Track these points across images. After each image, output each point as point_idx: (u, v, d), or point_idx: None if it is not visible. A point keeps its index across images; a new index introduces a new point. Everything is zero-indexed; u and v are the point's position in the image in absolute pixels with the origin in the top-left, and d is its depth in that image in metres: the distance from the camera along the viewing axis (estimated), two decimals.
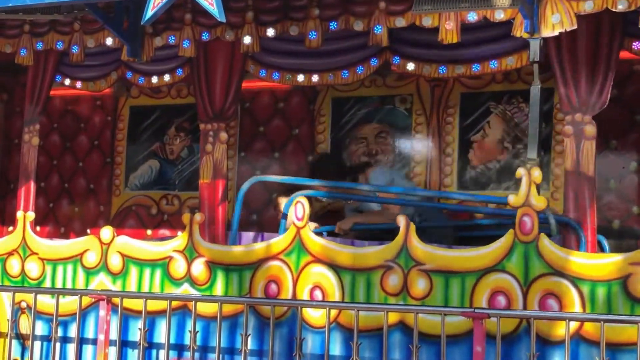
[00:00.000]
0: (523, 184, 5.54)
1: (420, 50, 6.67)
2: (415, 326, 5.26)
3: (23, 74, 7.86)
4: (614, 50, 5.96)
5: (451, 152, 7.86)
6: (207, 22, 6.58)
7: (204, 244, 6.37)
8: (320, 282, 5.96)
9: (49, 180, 9.19)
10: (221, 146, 6.95)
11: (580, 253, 5.49)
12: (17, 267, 6.87)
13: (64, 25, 7.09)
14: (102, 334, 6.05)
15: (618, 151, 7.36)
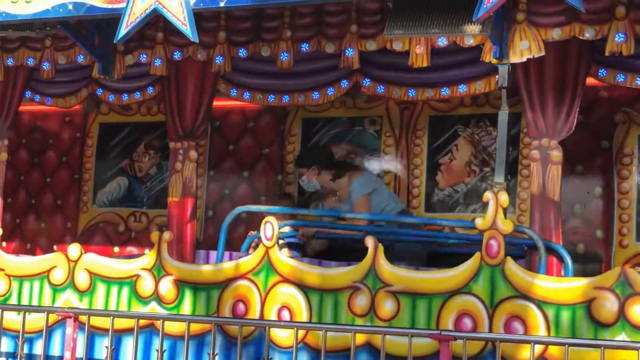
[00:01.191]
0: (490, 207, 5.59)
1: (390, 73, 6.69)
2: (382, 347, 5.25)
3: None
4: (580, 76, 6.03)
5: (419, 174, 7.88)
6: (179, 41, 6.60)
7: (172, 263, 6.37)
8: (288, 302, 5.97)
9: (16, 195, 9.14)
10: (191, 164, 6.96)
11: (545, 277, 5.53)
12: None
13: (36, 41, 7.09)
14: (68, 351, 6.01)
15: (583, 176, 7.41)
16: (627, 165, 7.32)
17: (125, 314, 6.22)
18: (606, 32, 5.57)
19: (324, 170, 7.44)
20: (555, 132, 5.92)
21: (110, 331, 5.88)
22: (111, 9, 6.00)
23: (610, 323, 5.24)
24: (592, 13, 5.53)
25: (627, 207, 7.29)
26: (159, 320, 5.87)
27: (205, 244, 7.75)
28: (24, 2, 6.22)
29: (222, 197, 8.50)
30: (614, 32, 5.55)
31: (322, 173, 7.44)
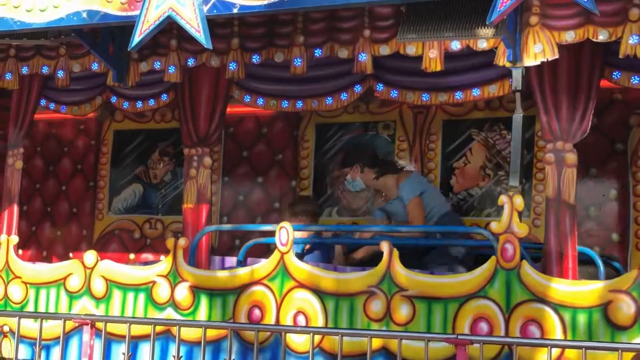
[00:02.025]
0: (505, 211, 5.58)
1: (404, 77, 6.71)
2: (399, 352, 5.24)
3: (7, 97, 7.85)
4: (594, 79, 5.99)
5: (433, 178, 7.87)
6: (193, 48, 6.60)
7: (188, 269, 6.37)
8: (304, 307, 5.97)
9: (31, 203, 9.17)
10: (205, 171, 6.96)
11: (561, 280, 5.51)
12: (0, 291, 6.85)
13: (50, 50, 7.11)
14: (85, 358, 6.02)
15: (598, 179, 7.40)
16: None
17: (142, 320, 6.23)
18: (620, 35, 5.53)
19: (367, 168, 7.33)
20: (569, 135, 5.88)
21: (127, 338, 5.88)
22: (125, 16, 6.03)
23: (627, 326, 5.22)
24: (605, 15, 5.49)
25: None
26: (175, 326, 5.86)
27: (220, 250, 7.75)
28: (39, 10, 6.25)
29: (237, 203, 8.51)
30: (627, 34, 5.51)
31: (365, 171, 7.34)
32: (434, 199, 7.21)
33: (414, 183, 7.16)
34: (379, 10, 6.11)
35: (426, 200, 7.11)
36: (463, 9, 5.60)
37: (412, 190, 7.09)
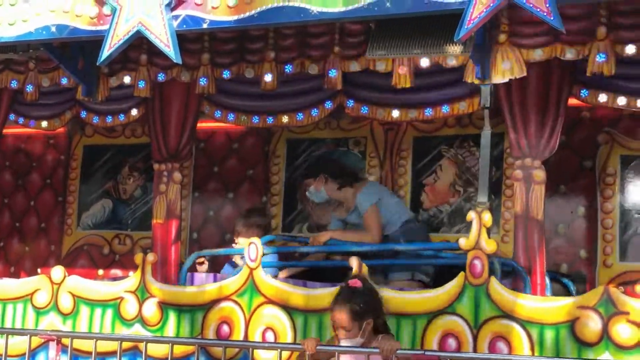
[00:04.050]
0: (473, 227, 5.61)
1: (374, 94, 6.70)
2: None
3: None
4: (562, 97, 6.05)
5: (404, 194, 7.87)
6: (163, 63, 6.58)
7: (156, 285, 6.37)
8: (273, 323, 5.97)
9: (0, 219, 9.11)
10: (175, 186, 6.96)
11: (529, 296, 5.54)
12: None
13: (19, 64, 7.09)
14: None
15: (567, 196, 7.43)
16: (610, 185, 7.34)
17: (109, 336, 6.21)
18: (587, 53, 5.60)
19: (331, 179, 7.37)
20: (538, 152, 5.93)
21: (94, 354, 5.84)
22: (94, 31, 6.02)
23: (594, 342, 5.25)
24: (573, 34, 5.55)
25: (610, 226, 7.30)
26: (143, 343, 5.84)
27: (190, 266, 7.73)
28: (7, 24, 6.22)
29: (207, 219, 8.49)
30: (594, 52, 5.58)
31: (329, 182, 7.37)
32: (394, 207, 7.25)
33: (369, 192, 7.20)
34: (349, 27, 6.14)
35: (383, 208, 7.15)
36: (432, 26, 5.63)
37: (367, 199, 7.13)
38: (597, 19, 5.57)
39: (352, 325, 5.21)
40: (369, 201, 7.12)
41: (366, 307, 5.24)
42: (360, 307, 5.21)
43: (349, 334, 5.24)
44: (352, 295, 5.26)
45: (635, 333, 5.18)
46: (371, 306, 5.27)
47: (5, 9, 6.23)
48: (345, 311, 5.22)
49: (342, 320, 5.24)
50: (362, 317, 5.21)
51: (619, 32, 5.59)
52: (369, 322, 5.23)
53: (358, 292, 5.28)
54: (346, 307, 5.22)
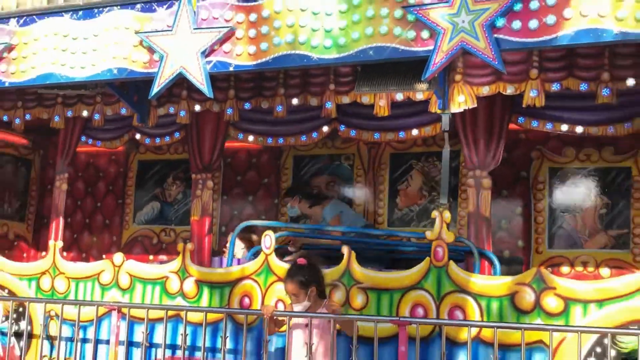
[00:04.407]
0: (437, 222, 5.59)
1: (360, 120, 6.73)
2: (355, 331, 5.22)
3: (55, 135, 7.83)
4: (504, 122, 6.08)
5: (383, 197, 7.89)
6: (199, 97, 6.56)
7: (194, 267, 6.34)
8: (283, 296, 5.94)
9: (74, 216, 9.10)
10: (208, 191, 6.96)
11: (479, 275, 5.52)
12: (48, 284, 6.79)
13: (89, 98, 7.07)
14: (113, 336, 5.98)
15: (508, 198, 7.44)
16: (540, 190, 7.37)
17: (157, 306, 6.18)
18: (523, 89, 5.59)
19: (304, 200, 7.56)
20: (485, 165, 5.95)
21: (146, 320, 5.85)
22: (146, 72, 6.01)
23: (529, 311, 5.23)
24: (512, 74, 5.55)
25: (541, 222, 7.34)
26: (183, 311, 5.85)
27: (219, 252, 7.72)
28: (80, 67, 6.22)
29: (232, 217, 8.48)
30: (529, 89, 5.56)
31: (302, 201, 7.56)
32: (353, 217, 7.39)
33: (332, 207, 7.41)
34: (341, 70, 6.13)
35: (345, 218, 7.28)
36: (404, 69, 5.59)
37: (331, 212, 7.35)
38: (530, 64, 5.56)
39: (299, 292, 5.30)
40: (332, 213, 7.33)
41: (310, 278, 5.32)
42: (305, 278, 5.31)
43: (298, 299, 5.34)
44: (299, 270, 5.35)
45: (560, 303, 5.16)
46: (313, 277, 5.35)
47: (79, 56, 6.23)
48: (294, 282, 5.32)
49: (292, 289, 5.34)
50: (307, 286, 5.30)
51: (547, 73, 5.58)
52: (313, 289, 5.31)
53: (303, 267, 5.37)
54: (294, 279, 5.32)
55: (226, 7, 5.80)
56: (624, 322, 4.96)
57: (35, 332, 6.59)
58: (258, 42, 5.66)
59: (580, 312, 5.09)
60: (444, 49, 5.12)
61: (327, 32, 5.47)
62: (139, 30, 6.01)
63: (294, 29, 5.56)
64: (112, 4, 6.16)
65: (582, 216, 7.24)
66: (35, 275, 6.86)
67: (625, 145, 7.07)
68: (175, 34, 5.82)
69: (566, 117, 6.19)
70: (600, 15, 4.82)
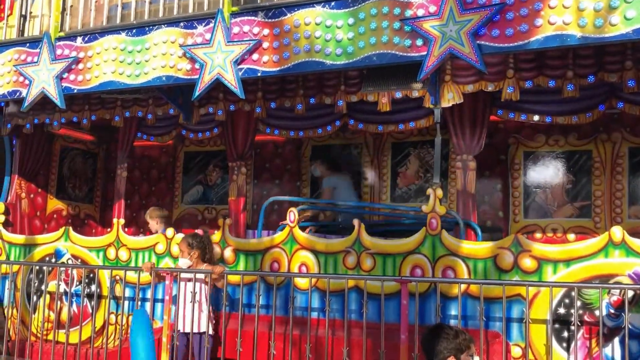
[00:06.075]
0: (431, 198, 5.57)
1: (366, 115, 6.70)
2: (365, 288, 5.25)
3: (115, 132, 7.85)
4: (486, 114, 6.03)
5: (386, 179, 7.85)
6: (233, 99, 6.57)
7: (232, 238, 6.35)
8: (305, 261, 5.96)
9: (132, 198, 9.12)
10: (242, 176, 6.96)
11: (467, 241, 5.49)
12: (113, 254, 6.83)
13: (143, 101, 7.08)
14: (167, 295, 5.99)
15: (489, 178, 7.38)
16: (517, 170, 7.32)
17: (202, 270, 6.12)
18: (501, 86, 5.55)
19: (323, 164, 7.62)
20: (471, 150, 5.90)
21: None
22: (189, 79, 6.01)
23: (508, 269, 5.22)
24: (492, 74, 5.52)
25: (517, 196, 7.28)
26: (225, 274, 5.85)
27: (252, 226, 7.72)
28: (135, 75, 6.23)
29: (262, 197, 8.46)
30: (506, 86, 5.52)
31: (320, 165, 7.64)
32: (343, 195, 7.36)
33: (329, 180, 7.46)
34: (350, 73, 6.09)
35: (336, 192, 7.34)
36: (403, 71, 5.56)
37: (326, 183, 7.44)
38: (507, 65, 5.52)
39: (185, 250, 6.04)
40: (326, 185, 7.43)
41: (197, 244, 6.02)
42: (193, 243, 6.01)
43: (182, 255, 6.05)
44: (193, 236, 6.11)
45: (534, 263, 5.14)
46: (200, 245, 6.03)
47: (134, 67, 6.24)
48: (184, 241, 6.06)
49: (181, 246, 6.11)
50: (192, 248, 6.00)
51: (521, 72, 5.54)
52: (196, 252, 5.99)
53: (197, 235, 6.12)
54: (185, 239, 6.08)
55: (254, 23, 5.78)
56: (588, 277, 4.94)
57: (104, 293, 6.64)
58: (281, 51, 5.64)
59: (551, 270, 5.07)
60: (435, 54, 5.08)
61: (338, 42, 5.44)
62: (183, 44, 6.00)
63: (311, 40, 5.53)
64: (160, 22, 6.16)
65: (551, 191, 7.18)
66: (102, 247, 6.90)
67: (587, 131, 7.01)
68: (213, 46, 5.81)
69: (538, 109, 6.13)
70: (565, 23, 4.79)
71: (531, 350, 4.91)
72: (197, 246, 6.01)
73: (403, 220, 6.91)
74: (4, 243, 7.36)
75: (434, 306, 5.20)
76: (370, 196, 7.83)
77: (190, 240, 6.01)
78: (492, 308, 5.14)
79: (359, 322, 5.40)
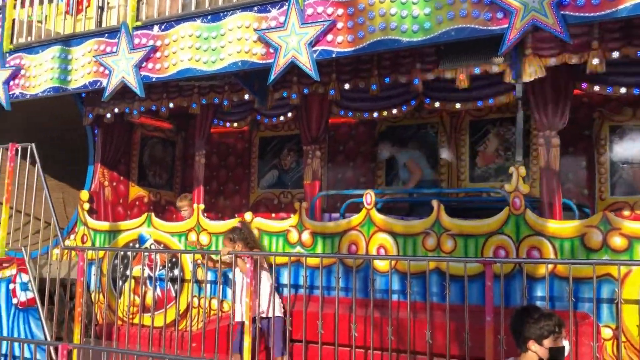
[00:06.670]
0: (513, 176, 5.41)
1: (443, 93, 6.53)
2: (447, 270, 5.14)
3: (193, 119, 7.94)
4: (569, 88, 5.77)
5: (464, 158, 7.69)
6: (307, 82, 6.53)
7: (309, 221, 6.34)
8: (384, 243, 5.89)
9: (210, 184, 9.25)
10: (317, 160, 6.92)
11: (553, 220, 5.31)
12: (194, 239, 6.94)
13: (219, 87, 7.12)
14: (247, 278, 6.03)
15: (574, 154, 7.13)
16: (602, 146, 7.04)
17: (282, 253, 6.23)
18: (586, 58, 5.29)
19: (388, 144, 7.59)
20: (554, 125, 5.66)
21: (273, 264, 5.89)
22: (264, 63, 5.97)
23: (597, 249, 5.02)
24: (576, 46, 5.26)
25: (603, 173, 7.01)
26: (303, 257, 5.86)
27: (328, 209, 7.70)
28: (211, 62, 6.24)
29: (337, 180, 8.44)
30: (591, 58, 5.26)
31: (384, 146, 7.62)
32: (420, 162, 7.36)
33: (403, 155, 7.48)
34: (426, 50, 5.94)
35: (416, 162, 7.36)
36: (482, 46, 5.41)
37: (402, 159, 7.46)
38: (592, 35, 5.25)
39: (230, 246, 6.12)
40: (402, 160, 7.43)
41: (237, 237, 6.12)
42: (234, 237, 6.12)
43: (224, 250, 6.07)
44: (232, 231, 6.22)
45: (624, 241, 4.94)
46: (241, 236, 6.13)
47: (209, 53, 6.25)
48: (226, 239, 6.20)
49: (225, 243, 6.20)
50: (235, 242, 6.12)
51: (608, 43, 5.26)
52: (239, 244, 6.07)
53: (236, 229, 6.24)
54: (227, 237, 6.19)
55: (327, 3, 5.68)
56: None
57: (187, 277, 6.75)
58: (355, 31, 5.53)
59: None
60: (517, 27, 4.88)
61: (414, 18, 5.29)
62: (257, 28, 5.98)
63: (386, 17, 5.40)
64: (235, 7, 6.15)
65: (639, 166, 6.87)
66: (183, 231, 7.02)
67: None
68: (287, 29, 5.76)
69: (624, 81, 5.87)
70: None
71: (622, 331, 4.70)
72: (238, 239, 6.12)
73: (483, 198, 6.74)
74: (89, 230, 7.59)
75: (519, 287, 5.06)
76: (448, 177, 7.67)
77: (231, 236, 6.14)
78: (580, 289, 4.95)
79: (440, 304, 5.31)
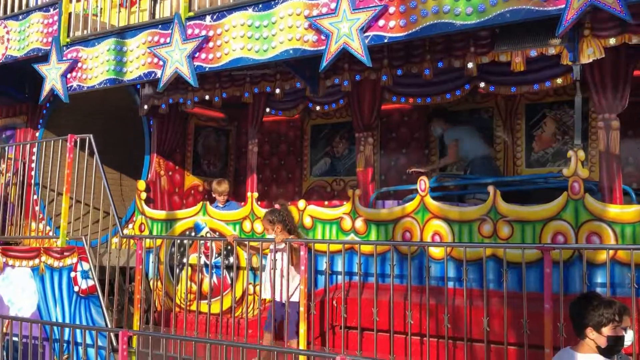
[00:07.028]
0: (572, 161, 5.26)
1: (498, 77, 6.39)
2: (504, 257, 5.06)
3: (245, 108, 7.98)
4: (629, 70, 5.56)
5: (520, 143, 7.53)
6: (358, 68, 6.50)
7: (362, 209, 6.32)
8: (439, 230, 5.83)
9: (263, 173, 9.32)
10: (369, 147, 6.89)
11: (613, 205, 5.15)
12: (249, 226, 7.00)
13: (270, 76, 7.15)
14: (302, 266, 6.05)
15: (634, 137, 6.90)
16: None
17: (336, 241, 6.23)
18: None
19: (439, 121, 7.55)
20: (613, 108, 5.47)
21: (327, 252, 5.91)
22: (316, 50, 5.95)
23: None
24: (636, 26, 5.07)
25: None
26: (357, 245, 5.85)
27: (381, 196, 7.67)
28: (263, 51, 6.27)
29: (390, 167, 8.39)
30: None
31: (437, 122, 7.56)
32: (468, 146, 7.15)
33: (451, 132, 7.35)
34: (480, 33, 5.82)
35: (461, 145, 7.16)
36: (537, 27, 5.28)
37: (448, 136, 7.32)
38: None
39: (269, 227, 6.19)
40: (450, 137, 7.31)
41: (277, 219, 6.14)
42: (273, 219, 6.15)
43: (268, 232, 6.21)
44: (272, 212, 6.24)
45: None
46: (280, 218, 6.15)
47: (261, 41, 6.27)
48: (265, 220, 6.24)
49: (264, 224, 6.28)
50: (274, 224, 6.14)
51: None
52: (278, 226, 6.11)
53: (275, 210, 6.26)
54: (265, 218, 6.25)
55: None
56: None
57: (242, 264, 6.82)
58: (408, 15, 5.46)
59: None
60: (574, 7, 4.74)
61: (468, 1, 5.18)
62: (308, 15, 5.96)
63: (439, 1, 5.31)
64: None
65: None
66: (238, 220, 7.08)
67: None
68: (338, 15, 5.72)
69: None
70: None
71: None
72: (277, 220, 6.16)
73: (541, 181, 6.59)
74: (146, 219, 7.74)
75: (578, 274, 4.94)
76: (504, 162, 7.52)
77: (270, 217, 6.18)
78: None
79: (496, 291, 5.23)
